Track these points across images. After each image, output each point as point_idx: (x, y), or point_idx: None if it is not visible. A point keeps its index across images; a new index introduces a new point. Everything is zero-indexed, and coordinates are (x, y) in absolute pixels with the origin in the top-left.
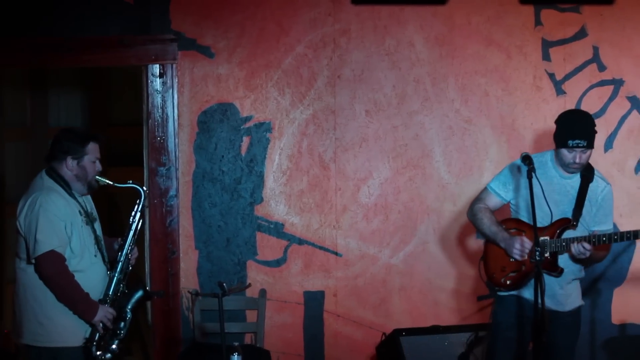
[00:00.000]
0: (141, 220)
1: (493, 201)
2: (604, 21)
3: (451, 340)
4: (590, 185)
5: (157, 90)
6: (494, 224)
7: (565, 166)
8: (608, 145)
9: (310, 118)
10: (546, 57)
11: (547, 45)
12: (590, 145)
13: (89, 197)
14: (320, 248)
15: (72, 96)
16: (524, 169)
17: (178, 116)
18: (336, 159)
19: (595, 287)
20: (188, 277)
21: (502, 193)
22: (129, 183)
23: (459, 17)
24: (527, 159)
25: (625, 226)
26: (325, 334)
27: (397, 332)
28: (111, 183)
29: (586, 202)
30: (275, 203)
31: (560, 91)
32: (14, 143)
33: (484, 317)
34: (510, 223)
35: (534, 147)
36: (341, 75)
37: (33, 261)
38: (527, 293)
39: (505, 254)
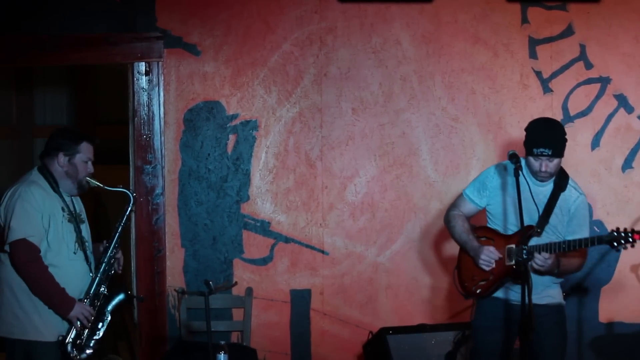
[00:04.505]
0: (128, 223)
1: (467, 207)
2: (590, 19)
3: (438, 339)
4: (563, 194)
5: (143, 88)
6: (465, 231)
7: (534, 174)
8: (595, 143)
9: (297, 116)
10: (533, 55)
11: (533, 43)
12: (556, 154)
13: (78, 199)
14: (307, 246)
15: (58, 94)
16: (508, 170)
17: (164, 114)
18: (323, 157)
19: (583, 286)
20: (174, 275)
21: (476, 200)
22: (119, 187)
23: (445, 15)
24: (514, 157)
25: (612, 224)
26: (312, 333)
27: (384, 331)
28: (101, 185)
29: (557, 211)
30: (262, 201)
31: (547, 89)
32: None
33: (470, 315)
34: (481, 231)
35: (521, 145)
36: (327, 73)
37: (7, 248)
38: (502, 293)
39: (474, 263)
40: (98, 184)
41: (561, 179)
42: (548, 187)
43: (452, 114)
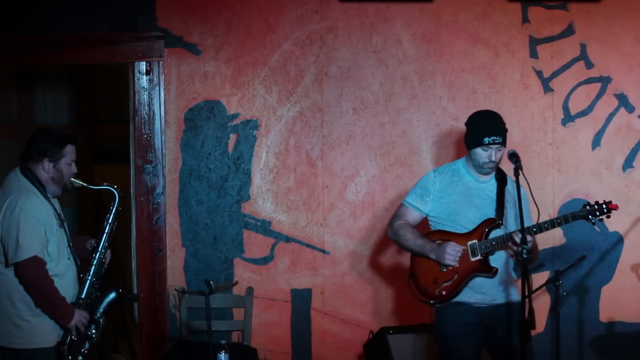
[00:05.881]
0: (115, 223)
1: (412, 216)
2: (591, 18)
3: None
4: (506, 187)
5: (144, 87)
6: (418, 236)
7: (480, 167)
8: (596, 143)
9: (297, 115)
10: (534, 54)
11: (534, 42)
12: (504, 143)
13: (56, 199)
14: (308, 246)
15: (59, 94)
16: (448, 171)
17: (165, 113)
18: (323, 157)
19: (583, 285)
20: (175, 274)
21: (420, 206)
22: (104, 185)
23: (446, 15)
24: (514, 156)
25: (613, 224)
26: (312, 332)
27: (385, 330)
28: (85, 185)
29: (506, 204)
30: (262, 201)
31: (547, 89)
32: (0, 140)
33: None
34: (434, 235)
35: (521, 144)
36: (328, 72)
37: (11, 265)
38: (465, 297)
39: (435, 266)
40: (82, 183)
41: (500, 174)
42: (490, 183)
43: (453, 113)
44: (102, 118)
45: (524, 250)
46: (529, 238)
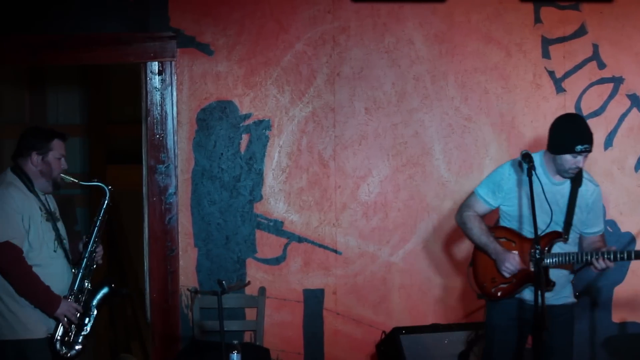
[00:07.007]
0: (106, 217)
1: (482, 208)
2: (603, 19)
3: (451, 339)
4: (580, 189)
5: (156, 87)
6: (484, 233)
7: (564, 172)
8: (608, 143)
9: (310, 116)
10: (546, 54)
11: (546, 42)
12: (591, 150)
13: (52, 197)
14: (320, 246)
15: (71, 94)
16: (524, 169)
17: (177, 114)
18: (336, 157)
19: (596, 286)
20: (187, 275)
21: (490, 201)
22: (94, 182)
23: (458, 15)
24: (527, 156)
25: (625, 224)
26: (324, 332)
27: (397, 331)
28: (76, 181)
29: (577, 210)
30: (275, 201)
31: (560, 89)
32: (12, 140)
33: (484, 315)
34: (501, 231)
35: (534, 144)
36: (340, 72)
37: None
38: (522, 293)
39: (495, 265)
40: (73, 179)
41: (576, 174)
42: (564, 185)
43: (465, 113)
44: (115, 118)
45: (537, 251)
46: (608, 263)
